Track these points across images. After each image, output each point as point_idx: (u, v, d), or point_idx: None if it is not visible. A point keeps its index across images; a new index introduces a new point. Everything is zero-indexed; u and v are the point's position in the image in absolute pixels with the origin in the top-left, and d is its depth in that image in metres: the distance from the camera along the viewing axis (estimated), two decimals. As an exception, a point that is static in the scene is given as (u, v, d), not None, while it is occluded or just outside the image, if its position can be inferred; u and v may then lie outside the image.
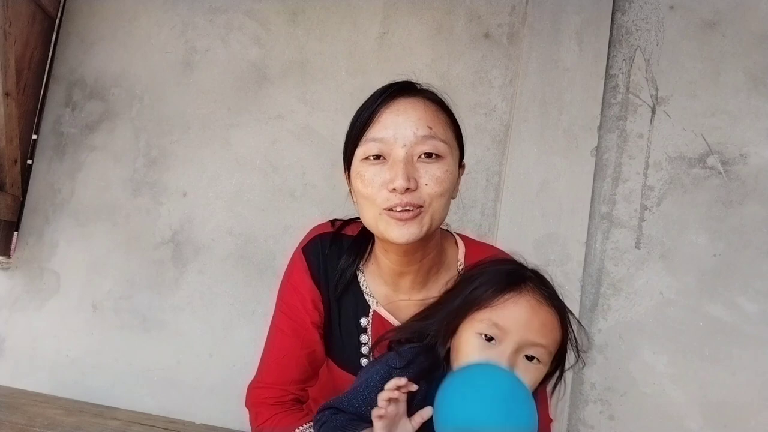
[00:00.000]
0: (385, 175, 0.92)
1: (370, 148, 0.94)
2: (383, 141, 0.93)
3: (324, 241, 1.08)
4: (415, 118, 0.93)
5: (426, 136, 0.92)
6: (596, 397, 1.76)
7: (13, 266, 2.05)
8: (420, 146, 0.92)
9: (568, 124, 1.82)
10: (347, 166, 1.02)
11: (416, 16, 2.00)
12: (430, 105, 0.96)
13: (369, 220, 0.97)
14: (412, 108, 0.94)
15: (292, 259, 1.11)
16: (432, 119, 0.94)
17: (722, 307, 1.72)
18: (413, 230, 0.92)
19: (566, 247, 1.76)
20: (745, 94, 1.80)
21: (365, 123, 0.96)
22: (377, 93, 0.98)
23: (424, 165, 0.92)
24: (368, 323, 1.07)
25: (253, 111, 2.03)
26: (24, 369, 1.99)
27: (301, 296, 1.07)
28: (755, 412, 1.67)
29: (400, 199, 0.90)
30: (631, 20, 1.89)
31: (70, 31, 2.15)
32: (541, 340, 0.82)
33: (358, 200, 0.99)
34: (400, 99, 0.95)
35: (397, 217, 0.91)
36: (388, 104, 0.95)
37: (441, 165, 0.93)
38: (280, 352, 1.07)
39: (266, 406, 1.05)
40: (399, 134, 0.92)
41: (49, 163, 2.09)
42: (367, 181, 0.94)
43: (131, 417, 1.51)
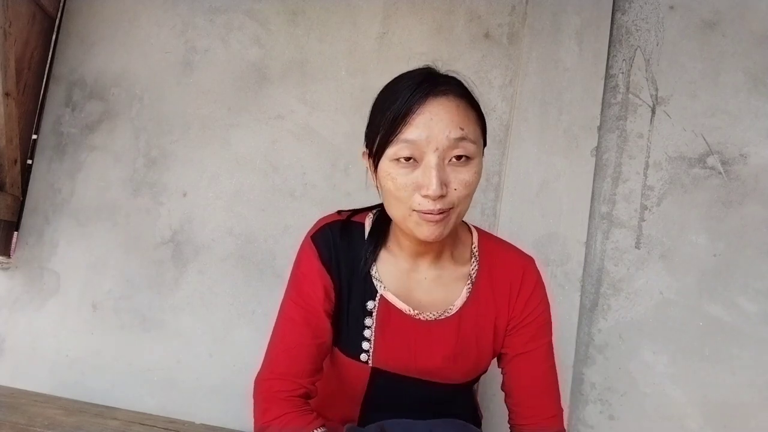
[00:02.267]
0: (417, 179, 0.93)
1: (402, 149, 0.93)
2: (415, 144, 0.93)
3: (334, 229, 1.09)
4: (448, 119, 0.93)
5: (458, 138, 0.93)
6: (596, 397, 1.76)
7: (13, 266, 2.05)
8: (452, 150, 0.93)
9: (568, 124, 1.82)
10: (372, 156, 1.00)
11: (416, 16, 2.01)
12: (461, 102, 0.96)
13: (397, 216, 0.99)
14: (444, 110, 0.93)
15: (302, 247, 1.11)
16: (463, 119, 0.95)
17: (722, 307, 1.72)
18: (441, 230, 0.96)
19: (566, 247, 1.76)
20: (745, 94, 1.80)
21: (396, 123, 0.94)
22: (406, 90, 0.95)
23: (454, 169, 0.94)
24: (374, 307, 1.08)
25: (253, 111, 2.03)
26: (24, 369, 1.99)
27: (313, 284, 1.07)
28: (755, 412, 1.67)
29: (432, 205, 0.93)
30: (631, 20, 1.89)
31: (70, 31, 2.15)
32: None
33: (386, 196, 1.00)
34: (431, 99, 0.94)
35: (427, 219, 0.94)
36: (421, 103, 0.93)
37: (470, 167, 0.95)
38: (291, 342, 1.06)
39: (277, 401, 1.03)
40: (432, 137, 0.92)
41: (49, 163, 2.09)
42: (399, 184, 0.94)
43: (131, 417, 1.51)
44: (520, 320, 1.12)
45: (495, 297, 1.12)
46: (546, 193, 1.80)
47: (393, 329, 1.09)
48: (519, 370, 1.13)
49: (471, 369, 1.15)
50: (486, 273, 1.13)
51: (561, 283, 1.75)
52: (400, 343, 1.09)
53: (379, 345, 1.09)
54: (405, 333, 1.09)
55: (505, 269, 1.13)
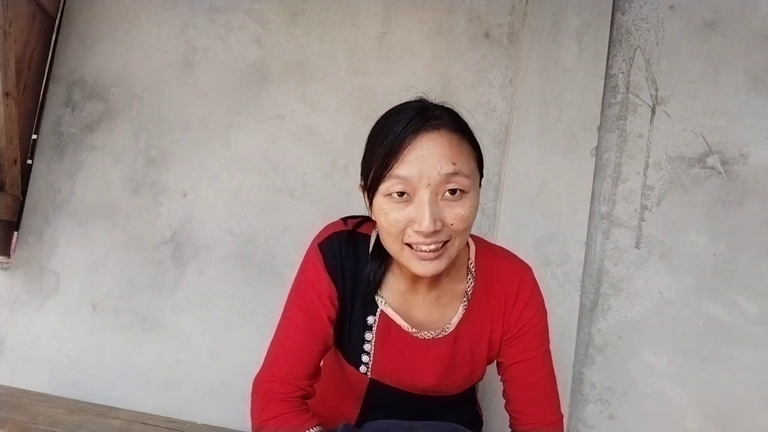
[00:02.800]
0: (410, 214, 0.92)
1: (394, 185, 0.92)
2: (407, 180, 0.91)
3: (341, 238, 1.09)
4: (440, 154, 0.91)
5: (450, 173, 0.91)
6: (596, 397, 1.76)
7: (13, 266, 2.05)
8: (444, 185, 0.92)
9: (568, 124, 1.82)
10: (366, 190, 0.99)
11: (416, 16, 2.00)
12: (453, 136, 0.94)
13: (391, 250, 0.99)
14: (436, 145, 0.92)
15: (308, 255, 1.11)
16: (456, 154, 0.93)
17: (722, 307, 1.73)
18: (436, 265, 0.95)
19: (566, 247, 1.76)
20: (745, 94, 1.80)
21: (388, 159, 0.92)
22: (398, 125, 0.94)
23: (448, 204, 0.93)
24: (374, 322, 1.09)
25: (253, 111, 2.03)
26: (24, 369, 1.99)
27: (318, 291, 1.07)
28: (755, 412, 1.67)
29: (425, 240, 0.92)
30: (631, 20, 1.89)
31: (70, 31, 2.15)
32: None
33: (381, 232, 0.99)
34: (423, 134, 0.92)
35: (420, 256, 0.93)
36: (412, 139, 0.92)
37: (465, 201, 0.94)
38: (292, 346, 1.07)
39: (275, 401, 1.05)
40: (424, 173, 0.91)
41: (49, 163, 2.09)
42: (392, 220, 0.94)
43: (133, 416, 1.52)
44: (516, 330, 1.13)
45: (491, 310, 1.13)
46: (546, 193, 1.80)
47: (392, 345, 1.11)
48: (517, 378, 1.14)
49: (465, 380, 1.17)
50: (482, 288, 1.13)
51: (561, 283, 1.75)
52: (398, 358, 1.11)
53: (378, 359, 1.11)
54: (403, 349, 1.11)
55: (501, 282, 1.13)
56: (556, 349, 1.71)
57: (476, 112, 1.92)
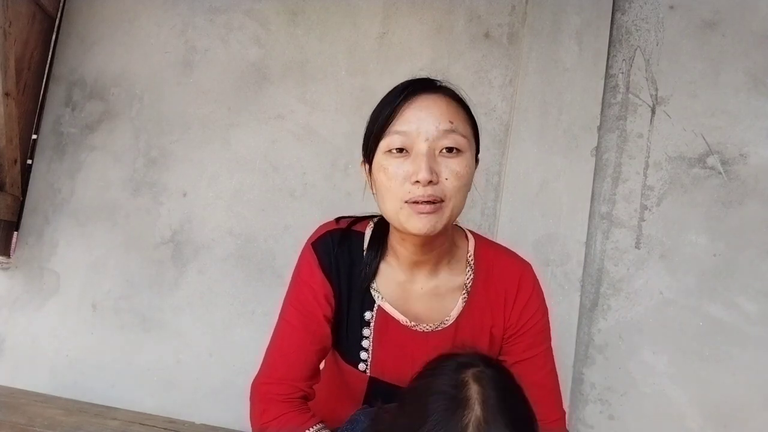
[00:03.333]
0: (408, 168, 0.95)
1: (394, 140, 0.97)
2: (406, 134, 0.96)
3: (334, 236, 1.10)
4: (438, 113, 0.97)
5: (447, 130, 0.96)
6: (596, 397, 1.76)
7: (13, 266, 2.05)
8: (442, 140, 0.96)
9: (568, 124, 1.82)
10: (368, 159, 1.04)
11: (416, 16, 2.00)
12: (451, 101, 1.01)
13: (389, 211, 1.00)
14: (434, 104, 0.98)
15: (302, 254, 1.12)
16: (453, 114, 0.99)
17: (722, 307, 1.72)
18: (433, 223, 0.95)
19: (566, 247, 1.76)
20: (745, 94, 1.80)
21: (388, 117, 0.98)
22: (399, 88, 1.00)
23: (445, 159, 0.96)
24: (372, 318, 1.09)
25: (253, 111, 2.03)
26: (24, 369, 1.99)
27: (313, 291, 1.07)
28: (755, 412, 1.67)
29: (423, 191, 0.94)
30: (631, 20, 1.89)
31: (70, 31, 2.15)
32: None
33: (380, 192, 1.01)
34: (422, 95, 0.98)
35: (418, 210, 0.95)
36: (411, 100, 0.98)
37: (461, 160, 0.97)
38: (289, 347, 1.07)
39: (275, 403, 1.04)
40: (422, 128, 0.95)
41: (49, 163, 2.09)
42: (391, 173, 0.97)
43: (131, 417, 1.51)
44: (517, 329, 1.12)
45: (491, 305, 1.12)
46: (546, 193, 1.80)
47: (390, 340, 1.10)
48: (520, 376, 1.13)
49: None
50: (482, 281, 1.13)
51: (561, 283, 1.75)
52: (397, 354, 1.10)
53: (377, 355, 1.10)
54: (402, 344, 1.10)
55: (501, 277, 1.13)
56: (556, 349, 1.71)
57: (476, 112, 1.90)
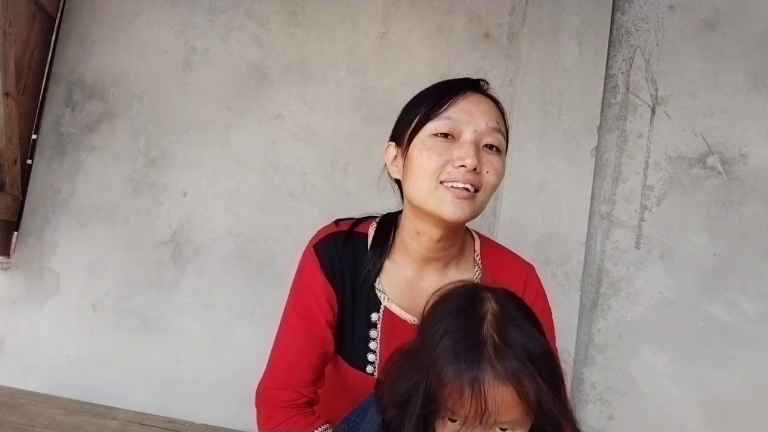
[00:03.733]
0: (453, 153, 0.98)
1: (443, 125, 1.00)
2: (457, 121, 0.99)
3: (337, 239, 1.09)
4: (488, 111, 1.03)
5: (494, 128, 1.01)
6: (596, 397, 1.76)
7: (13, 266, 2.05)
8: (488, 137, 1.00)
9: (568, 124, 1.82)
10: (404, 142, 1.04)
11: (416, 16, 2.00)
12: (496, 106, 1.06)
13: (422, 191, 0.99)
14: (485, 102, 1.04)
15: (304, 257, 1.11)
16: (498, 117, 1.05)
17: (722, 307, 1.72)
18: (465, 210, 0.98)
19: (566, 247, 1.76)
20: (745, 94, 1.80)
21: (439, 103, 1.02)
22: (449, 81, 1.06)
23: (486, 154, 1.00)
24: (379, 319, 1.08)
25: (253, 111, 2.03)
26: (24, 369, 1.99)
27: (315, 294, 1.07)
28: (755, 412, 1.67)
29: (464, 176, 0.96)
30: (630, 20, 1.89)
31: (70, 31, 2.15)
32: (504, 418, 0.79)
33: (414, 172, 1.01)
34: (475, 93, 1.04)
35: (454, 193, 0.96)
36: (465, 94, 1.03)
37: (500, 158, 1.02)
38: (292, 352, 1.07)
39: (280, 408, 1.04)
40: (472, 120, 1.00)
41: (49, 163, 2.09)
42: (434, 153, 0.98)
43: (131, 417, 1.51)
44: None
45: None
46: (546, 193, 1.80)
47: (398, 340, 1.07)
48: None
49: None
50: (489, 280, 1.12)
51: (561, 283, 1.75)
52: None
53: (385, 357, 1.08)
54: None
55: (507, 277, 1.12)
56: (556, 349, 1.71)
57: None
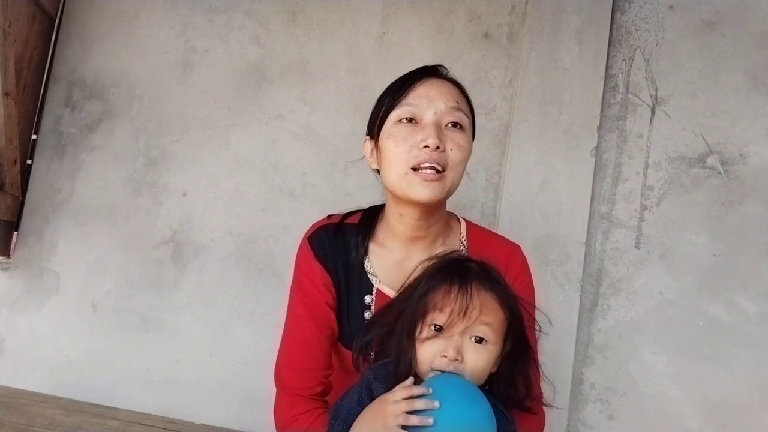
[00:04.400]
0: (417, 136, 1.04)
1: (405, 111, 1.07)
2: (417, 106, 1.07)
3: (329, 230, 1.17)
4: (446, 92, 1.09)
5: (454, 107, 1.07)
6: (596, 397, 1.76)
7: (12, 266, 2.05)
8: (448, 116, 1.07)
9: (568, 124, 1.82)
10: (374, 134, 1.13)
11: (416, 16, 2.00)
12: (456, 87, 1.13)
13: (393, 178, 1.07)
14: (443, 85, 1.10)
15: (299, 249, 1.18)
16: (458, 97, 1.11)
17: (722, 307, 1.72)
18: (436, 190, 1.04)
19: (566, 247, 1.76)
20: (745, 94, 1.80)
21: (400, 93, 1.09)
22: (410, 72, 1.12)
23: (450, 132, 1.07)
24: (372, 301, 1.14)
25: (253, 111, 2.03)
26: (24, 369, 1.99)
27: (313, 281, 1.13)
28: (755, 412, 1.67)
29: (429, 155, 1.03)
30: (630, 20, 1.89)
31: (70, 31, 2.15)
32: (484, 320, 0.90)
33: (386, 160, 1.09)
34: (433, 78, 1.11)
35: (422, 176, 1.03)
36: (423, 80, 1.09)
37: (464, 135, 1.08)
38: (301, 336, 1.12)
39: (302, 399, 1.10)
40: (431, 103, 1.07)
41: (48, 163, 2.09)
42: (400, 140, 1.06)
43: (131, 417, 1.51)
44: None
45: None
46: (546, 193, 1.80)
47: None
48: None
49: None
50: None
51: (561, 283, 1.75)
52: None
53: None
54: None
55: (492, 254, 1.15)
56: (556, 349, 1.71)
57: (476, 112, 1.90)
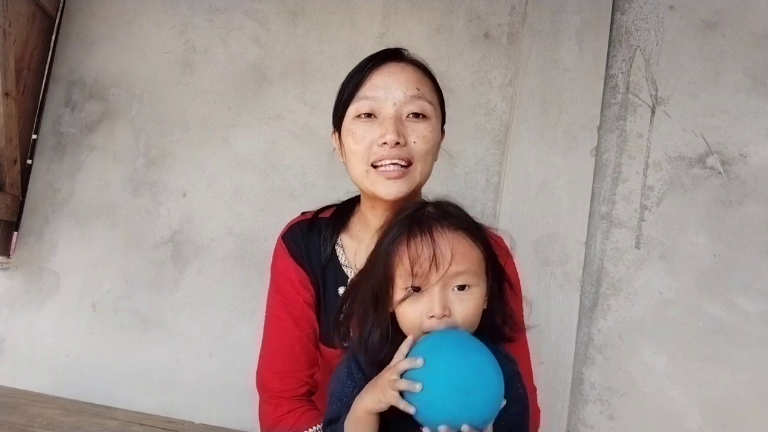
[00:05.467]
0: (376, 132, 0.99)
1: (362, 105, 1.00)
2: (375, 99, 1.00)
3: (302, 226, 1.14)
4: (405, 79, 1.01)
5: (415, 96, 1.00)
6: (596, 397, 1.76)
7: (12, 266, 2.05)
8: (409, 106, 0.99)
9: (568, 124, 1.82)
10: (337, 127, 1.07)
11: (416, 16, 2.00)
12: (418, 70, 1.05)
13: (357, 175, 1.03)
14: (402, 70, 1.02)
15: (275, 249, 1.16)
16: (420, 82, 1.02)
17: (722, 307, 1.72)
18: (401, 186, 0.99)
19: (566, 247, 1.76)
20: (745, 94, 1.80)
21: (357, 83, 1.02)
22: (368, 57, 1.04)
23: (412, 123, 1.00)
24: None
25: (253, 111, 2.03)
26: (24, 369, 1.99)
27: (290, 279, 1.10)
28: (755, 412, 1.67)
29: (389, 152, 0.97)
30: (630, 20, 1.89)
31: (70, 31, 2.15)
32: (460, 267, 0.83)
33: (348, 157, 1.04)
34: (390, 62, 1.03)
35: (384, 174, 0.98)
36: (380, 67, 1.02)
37: (427, 124, 1.01)
38: (281, 338, 1.09)
39: (285, 400, 1.06)
40: (390, 94, 0.99)
41: (48, 163, 2.09)
42: (359, 137, 1.00)
43: (130, 417, 1.51)
44: None
45: None
46: (546, 193, 1.80)
47: None
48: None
49: None
50: None
51: (561, 283, 1.75)
52: None
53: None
54: None
55: None
56: (556, 349, 1.71)
57: (476, 112, 1.92)
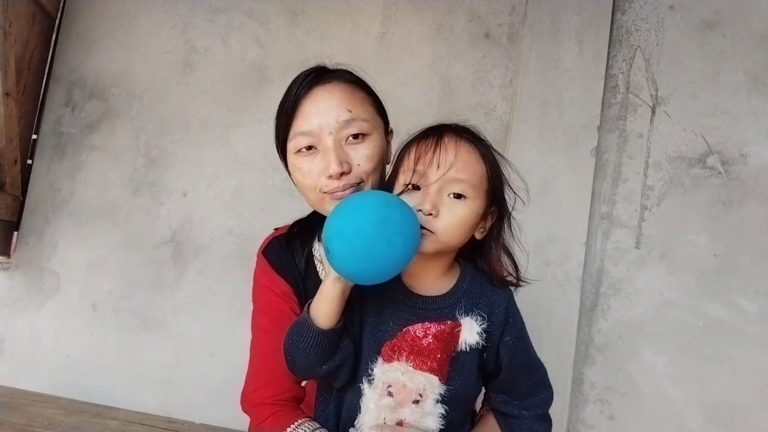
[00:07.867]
0: (320, 164, 0.99)
1: (300, 141, 1.00)
2: (310, 133, 0.99)
3: (280, 241, 1.14)
4: (335, 104, 0.99)
5: (348, 120, 0.98)
6: (596, 397, 1.76)
7: (13, 266, 2.05)
8: (344, 130, 0.98)
9: (568, 124, 1.82)
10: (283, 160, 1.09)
11: (416, 16, 2.00)
12: (346, 87, 1.02)
13: (314, 203, 1.04)
14: (330, 95, 1.00)
15: (256, 266, 1.15)
16: (350, 101, 1.00)
17: (722, 307, 1.72)
18: None
19: (566, 247, 1.76)
20: (745, 94, 1.80)
21: (289, 118, 1.02)
22: (292, 85, 1.03)
23: (352, 147, 0.99)
24: None
25: (253, 111, 2.03)
26: (24, 369, 1.99)
27: (274, 292, 1.10)
28: (755, 412, 1.67)
29: (337, 183, 0.98)
30: (631, 20, 1.89)
31: (70, 31, 2.15)
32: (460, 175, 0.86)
33: (300, 189, 1.06)
34: (316, 88, 1.00)
35: (339, 197, 0.98)
36: (306, 95, 1.00)
37: (368, 143, 1.00)
38: (267, 350, 1.08)
39: (266, 405, 1.06)
40: (323, 123, 0.98)
41: (49, 163, 2.09)
42: (305, 172, 1.01)
43: (131, 417, 1.51)
44: None
45: None
46: (546, 193, 1.79)
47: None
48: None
49: None
50: None
51: (561, 283, 1.75)
52: None
53: None
54: None
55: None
56: (556, 349, 1.71)
57: (476, 112, 1.92)
